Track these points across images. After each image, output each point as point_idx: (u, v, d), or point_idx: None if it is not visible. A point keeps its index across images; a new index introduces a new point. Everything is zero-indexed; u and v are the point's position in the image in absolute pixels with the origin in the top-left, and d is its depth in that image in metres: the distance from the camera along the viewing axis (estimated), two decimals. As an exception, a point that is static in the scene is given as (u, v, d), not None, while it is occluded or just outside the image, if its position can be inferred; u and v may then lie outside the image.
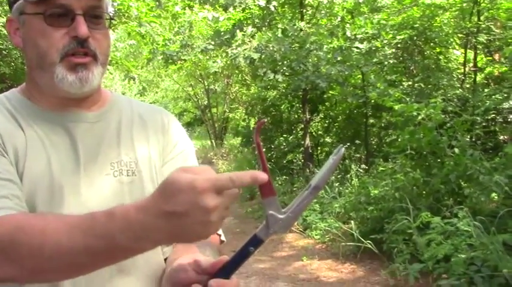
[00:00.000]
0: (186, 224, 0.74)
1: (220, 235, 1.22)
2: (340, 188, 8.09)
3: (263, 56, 9.13)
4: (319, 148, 12.12)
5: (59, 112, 1.11)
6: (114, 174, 1.11)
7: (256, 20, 10.79)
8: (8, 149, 1.02)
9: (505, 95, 7.61)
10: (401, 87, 8.52)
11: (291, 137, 12.20)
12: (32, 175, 1.02)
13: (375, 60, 8.95)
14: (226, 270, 0.85)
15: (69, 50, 1.04)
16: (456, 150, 5.47)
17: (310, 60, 8.98)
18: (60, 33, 1.04)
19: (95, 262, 0.83)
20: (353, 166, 8.68)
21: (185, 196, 0.72)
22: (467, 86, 9.14)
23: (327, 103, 11.70)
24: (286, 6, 11.07)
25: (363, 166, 9.21)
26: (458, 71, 9.70)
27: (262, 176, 0.77)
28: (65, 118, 1.11)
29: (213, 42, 10.51)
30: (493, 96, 7.59)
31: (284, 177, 10.41)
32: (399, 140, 6.37)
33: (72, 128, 1.10)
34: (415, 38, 8.71)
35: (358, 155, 10.08)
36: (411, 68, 9.52)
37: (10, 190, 0.95)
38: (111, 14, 1.14)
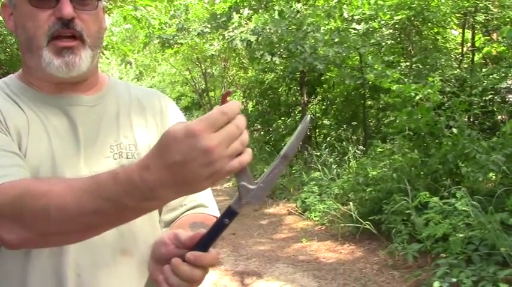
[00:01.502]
0: (190, 171, 0.71)
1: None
2: (339, 169, 8.12)
3: (260, 39, 9.08)
4: (317, 130, 12.13)
5: (56, 95, 1.11)
6: (114, 157, 1.11)
7: (253, 2, 10.71)
8: (10, 130, 1.02)
9: (503, 74, 7.60)
10: (399, 68, 8.49)
11: (289, 119, 12.22)
12: (34, 156, 1.03)
13: (372, 41, 8.91)
14: (203, 243, 0.85)
15: (55, 32, 1.03)
16: (454, 130, 5.48)
17: (307, 42, 8.94)
18: (46, 14, 1.03)
19: (105, 223, 0.83)
20: (351, 148, 8.71)
21: (182, 142, 0.71)
22: (465, 66, 9.12)
23: (324, 85, 11.69)
24: (282, -12, 10.98)
25: (361, 147, 9.23)
26: (456, 51, 9.67)
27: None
28: (64, 101, 1.11)
29: (209, 25, 10.44)
30: (491, 76, 7.57)
31: (282, 160, 10.42)
32: (397, 121, 6.37)
33: (71, 111, 1.11)
34: (412, 18, 8.66)
35: (356, 137, 10.10)
36: (409, 49, 9.48)
37: (16, 161, 0.97)
38: None
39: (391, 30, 9.19)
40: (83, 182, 0.82)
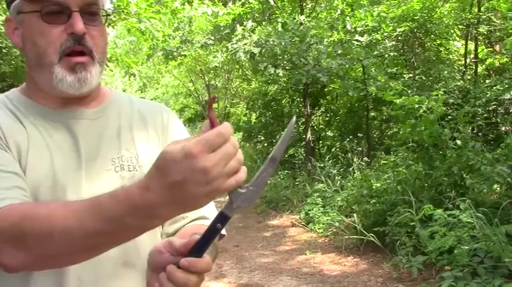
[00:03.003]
0: (189, 190, 0.74)
1: None
2: (342, 181, 8.09)
3: (263, 51, 9.11)
4: (320, 142, 12.13)
5: (59, 110, 1.12)
6: (116, 169, 1.12)
7: (256, 15, 10.77)
8: (10, 146, 1.02)
9: (506, 85, 7.60)
10: (402, 79, 8.50)
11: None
12: (35, 171, 1.03)
13: (375, 53, 8.94)
14: (197, 249, 0.86)
15: (67, 49, 1.04)
16: (458, 142, 5.47)
17: (310, 54, 8.96)
18: (58, 30, 1.04)
19: (108, 243, 0.85)
20: (355, 159, 8.69)
21: (180, 164, 0.72)
22: (468, 77, 9.13)
23: (328, 97, 11.71)
24: (285, 0, 11.05)
25: (365, 159, 9.21)
26: (459, 62, 9.69)
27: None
28: (66, 115, 1.12)
29: (213, 37, 10.49)
30: (494, 87, 7.58)
31: (286, 171, 10.42)
32: (401, 133, 6.36)
33: (73, 125, 1.11)
34: (415, 30, 8.69)
35: (359, 149, 10.09)
36: (412, 61, 9.50)
37: (15, 182, 0.96)
38: (108, 11, 1.14)
39: (394, 42, 9.22)
40: (84, 204, 0.83)
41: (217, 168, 0.73)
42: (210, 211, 1.22)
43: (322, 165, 9.17)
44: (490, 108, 7.90)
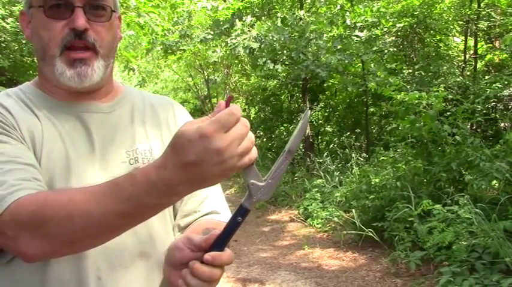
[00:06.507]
0: (204, 169, 0.76)
1: None
2: (341, 177, 8.10)
3: (262, 46, 9.10)
4: (319, 137, 12.13)
5: (72, 103, 1.13)
6: (130, 162, 1.13)
7: (256, 9, 10.75)
8: (25, 137, 1.04)
9: (506, 82, 7.60)
10: (401, 75, 8.50)
11: (292, 126, 12.22)
12: (49, 163, 1.04)
13: (374, 48, 8.92)
14: (219, 243, 0.89)
15: (67, 43, 1.05)
16: (457, 138, 5.47)
17: (310, 49, 8.95)
18: (60, 25, 1.05)
19: (127, 223, 0.87)
20: (354, 155, 8.69)
21: (195, 144, 0.74)
22: (468, 73, 9.13)
23: (327, 92, 11.70)
24: (285, -5, 11.03)
25: (364, 154, 9.21)
26: (459, 58, 9.68)
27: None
28: (79, 108, 1.13)
29: (212, 32, 10.47)
30: (494, 84, 7.57)
31: (285, 166, 10.41)
32: (400, 128, 6.36)
33: (87, 119, 1.12)
34: (415, 25, 8.69)
35: (358, 144, 10.09)
36: (411, 56, 9.50)
37: (31, 173, 0.97)
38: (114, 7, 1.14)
39: (393, 38, 9.22)
40: (102, 187, 0.85)
41: (231, 148, 0.76)
42: (221, 206, 1.25)
43: (321, 160, 9.17)
44: (489, 105, 7.90)
